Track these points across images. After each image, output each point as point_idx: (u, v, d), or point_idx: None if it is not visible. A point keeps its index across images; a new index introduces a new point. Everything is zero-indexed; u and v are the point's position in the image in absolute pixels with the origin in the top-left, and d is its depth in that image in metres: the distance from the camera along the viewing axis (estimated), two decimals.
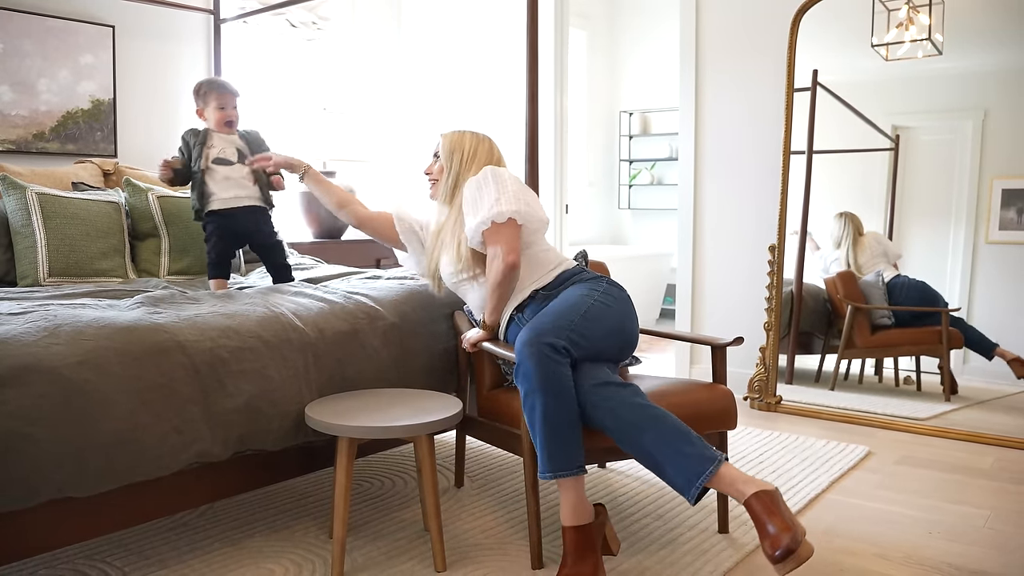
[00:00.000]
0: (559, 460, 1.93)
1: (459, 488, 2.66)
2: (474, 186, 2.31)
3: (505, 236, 2.21)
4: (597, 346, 2.06)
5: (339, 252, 4.33)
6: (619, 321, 2.16)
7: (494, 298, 2.26)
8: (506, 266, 2.19)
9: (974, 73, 3.43)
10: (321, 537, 2.27)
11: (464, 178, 2.40)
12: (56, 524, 1.82)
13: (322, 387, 2.22)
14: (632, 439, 1.89)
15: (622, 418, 1.91)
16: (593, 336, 2.06)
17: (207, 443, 1.95)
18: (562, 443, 1.92)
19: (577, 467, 1.93)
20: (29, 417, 1.65)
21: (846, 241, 3.73)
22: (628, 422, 1.90)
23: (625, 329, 2.19)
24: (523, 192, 2.28)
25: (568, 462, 1.93)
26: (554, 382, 1.92)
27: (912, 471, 2.88)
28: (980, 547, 2.23)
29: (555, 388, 1.92)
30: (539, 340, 1.96)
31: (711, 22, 4.04)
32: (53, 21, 3.64)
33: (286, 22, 4.62)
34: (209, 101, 2.82)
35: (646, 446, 1.87)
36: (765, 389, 3.76)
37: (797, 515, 2.45)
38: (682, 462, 1.82)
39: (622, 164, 7.22)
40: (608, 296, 2.19)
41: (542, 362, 1.93)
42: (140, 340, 1.89)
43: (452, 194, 2.44)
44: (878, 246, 3.66)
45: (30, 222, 2.87)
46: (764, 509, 1.72)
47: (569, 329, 2.02)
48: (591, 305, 2.13)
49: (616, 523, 2.37)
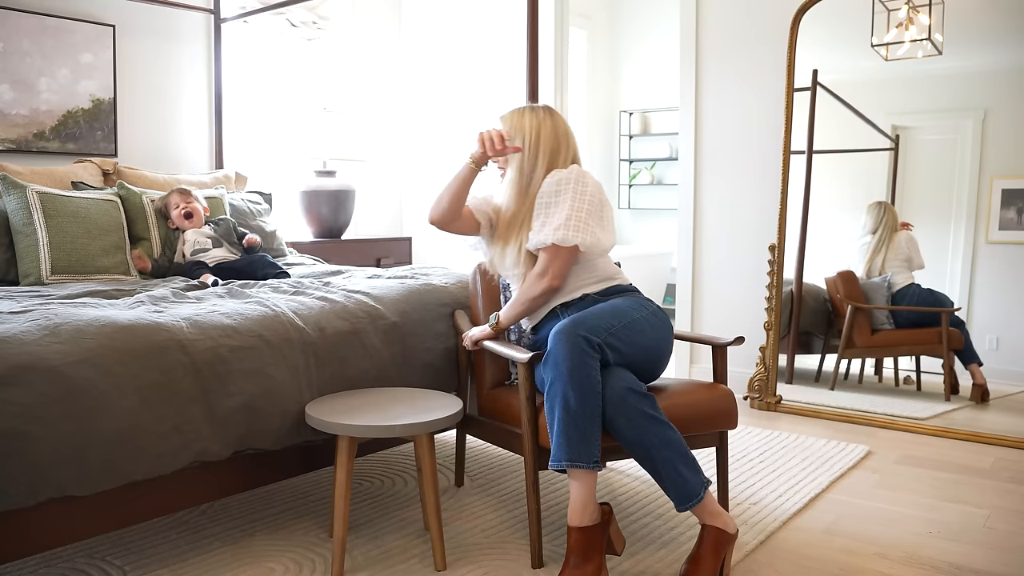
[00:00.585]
0: (576, 450, 1.91)
1: (459, 487, 2.66)
2: (553, 188, 2.19)
3: (561, 260, 2.16)
4: (630, 358, 2.05)
5: (339, 251, 4.33)
6: (657, 342, 2.16)
7: (520, 308, 2.23)
8: (548, 288, 2.18)
9: (974, 73, 3.43)
10: (321, 536, 2.27)
11: (531, 164, 2.25)
12: (57, 523, 1.82)
13: (322, 386, 2.22)
14: (643, 450, 1.93)
15: (638, 428, 1.93)
16: (629, 346, 2.05)
17: (208, 442, 1.95)
18: (581, 434, 1.91)
19: (593, 462, 1.92)
20: (30, 416, 1.65)
21: (882, 231, 3.68)
22: (642, 433, 1.92)
23: (660, 352, 2.18)
24: (596, 212, 2.18)
25: (585, 454, 1.91)
26: (582, 374, 1.92)
27: (912, 470, 2.89)
28: (980, 546, 2.23)
29: (582, 379, 1.92)
30: (575, 331, 1.96)
31: (711, 22, 4.04)
32: (53, 20, 3.64)
33: (286, 22, 4.62)
34: (169, 207, 3.25)
35: (655, 460, 1.93)
36: (765, 389, 3.76)
37: (797, 514, 2.45)
38: (682, 483, 1.93)
39: (622, 164, 7.22)
40: (655, 317, 2.18)
41: (573, 351, 1.93)
42: (141, 339, 1.89)
43: (519, 184, 2.28)
44: (906, 250, 3.63)
45: (31, 221, 2.87)
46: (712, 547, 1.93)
47: (608, 331, 2.02)
48: (636, 319, 2.11)
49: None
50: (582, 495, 1.94)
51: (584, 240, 2.14)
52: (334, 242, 4.38)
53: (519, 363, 2.08)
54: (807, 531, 2.33)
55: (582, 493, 1.94)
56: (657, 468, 1.94)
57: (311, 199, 4.40)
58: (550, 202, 2.19)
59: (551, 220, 2.16)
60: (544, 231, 2.16)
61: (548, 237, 2.14)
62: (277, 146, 4.62)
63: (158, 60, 4.07)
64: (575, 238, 2.13)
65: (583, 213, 2.14)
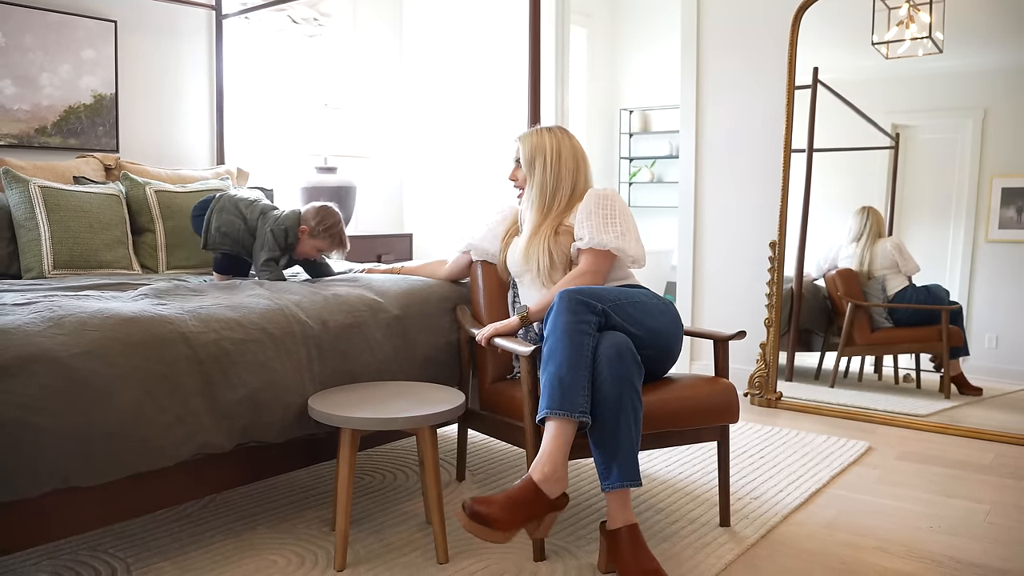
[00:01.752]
0: (556, 401, 1.91)
1: (460, 482, 2.66)
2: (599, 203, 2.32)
3: (606, 265, 2.30)
4: (635, 335, 2.06)
5: None
6: (665, 328, 2.17)
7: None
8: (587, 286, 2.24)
9: (974, 71, 3.44)
10: (323, 529, 2.28)
11: (554, 183, 2.39)
12: (60, 514, 1.83)
13: (325, 379, 2.22)
14: (612, 413, 1.92)
15: (619, 388, 1.92)
16: (635, 325, 2.07)
17: (210, 434, 1.95)
18: (564, 389, 1.91)
19: (570, 411, 1.90)
20: (34, 407, 1.66)
21: (863, 239, 3.70)
22: (621, 395, 1.92)
23: (668, 339, 2.19)
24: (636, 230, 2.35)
25: (564, 404, 1.90)
26: (576, 330, 1.96)
27: (912, 466, 2.89)
28: (980, 541, 2.24)
29: (575, 335, 1.95)
30: (578, 295, 2.01)
31: (712, 20, 4.05)
32: (56, 16, 3.64)
33: (287, 18, 4.62)
34: (322, 240, 2.71)
35: (618, 428, 1.92)
36: (765, 385, 3.77)
37: (798, 509, 2.46)
38: (631, 462, 1.92)
39: (622, 162, 7.23)
40: (664, 305, 2.22)
41: (571, 309, 1.98)
42: (144, 331, 1.90)
43: (544, 202, 2.40)
44: (892, 257, 3.63)
45: (34, 215, 2.88)
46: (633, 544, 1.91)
47: (613, 302, 2.06)
48: (644, 300, 2.16)
49: None
50: (550, 447, 1.91)
51: (637, 257, 2.31)
52: None
53: (522, 356, 2.08)
54: (808, 525, 2.34)
55: (550, 445, 1.91)
56: (617, 438, 1.91)
57: (312, 195, 4.40)
58: (600, 213, 2.30)
59: (608, 229, 2.28)
60: (603, 236, 2.27)
61: (608, 243, 2.26)
62: (278, 142, 4.62)
63: (160, 56, 4.07)
64: (634, 253, 2.30)
65: (632, 234, 2.32)
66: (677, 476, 2.75)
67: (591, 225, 2.29)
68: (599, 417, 1.94)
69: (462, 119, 5.09)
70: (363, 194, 4.99)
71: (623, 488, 1.92)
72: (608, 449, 1.93)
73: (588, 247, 2.29)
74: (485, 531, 1.80)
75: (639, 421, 1.96)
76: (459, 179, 5.11)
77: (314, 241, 2.71)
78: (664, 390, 2.16)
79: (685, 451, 3.01)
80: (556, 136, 2.43)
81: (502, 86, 4.91)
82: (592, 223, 2.30)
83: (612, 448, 1.92)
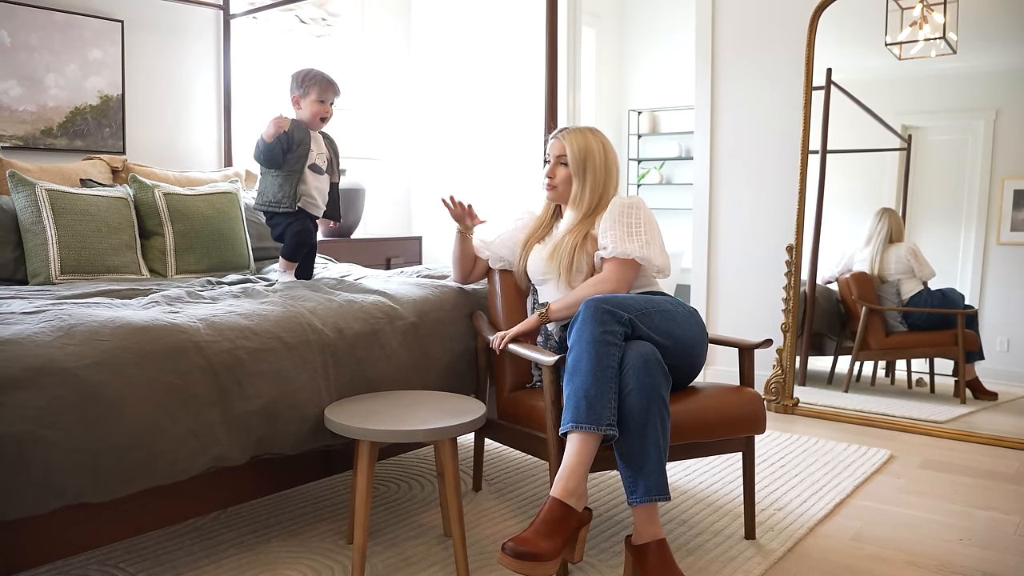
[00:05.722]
0: (581, 414, 1.87)
1: (477, 492, 2.61)
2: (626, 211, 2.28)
3: (631, 274, 2.25)
4: (661, 344, 2.01)
5: (350, 250, 4.27)
6: (690, 336, 2.12)
7: (576, 304, 2.18)
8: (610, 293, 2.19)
9: (986, 73, 3.39)
10: (339, 542, 2.22)
11: (601, 186, 2.36)
12: (71, 530, 1.77)
13: (341, 389, 2.16)
14: (639, 424, 1.87)
15: (647, 398, 1.87)
16: (661, 333, 2.02)
17: (225, 447, 1.89)
18: (589, 401, 1.87)
19: (596, 425, 1.85)
20: (44, 420, 1.60)
21: (875, 240, 3.65)
22: (649, 405, 1.87)
23: (693, 347, 2.13)
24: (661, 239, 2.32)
25: (589, 417, 1.86)
26: (602, 341, 1.91)
27: (936, 475, 2.83)
28: (1014, 554, 2.18)
29: (600, 347, 1.90)
30: (604, 304, 1.97)
31: (727, 21, 3.99)
32: (62, 15, 3.59)
33: (296, 18, 4.57)
34: (310, 92, 2.73)
35: (646, 440, 1.87)
36: (782, 391, 3.71)
37: (823, 520, 2.40)
38: (659, 475, 1.87)
39: (631, 163, 7.17)
40: (689, 313, 2.17)
41: (597, 319, 1.93)
42: (156, 341, 1.84)
43: (591, 205, 2.36)
44: (908, 261, 3.58)
45: (40, 219, 2.82)
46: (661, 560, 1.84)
47: (639, 312, 2.01)
48: (669, 308, 2.11)
49: None
50: (572, 461, 1.86)
51: (661, 266, 2.27)
52: (344, 241, 4.33)
53: (544, 366, 2.02)
54: (835, 538, 2.28)
55: (573, 459, 1.86)
56: (644, 450, 1.86)
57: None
58: (625, 222, 2.26)
59: (633, 239, 2.24)
60: (628, 246, 2.23)
61: (632, 252, 2.22)
62: None
63: (167, 56, 4.02)
64: (657, 263, 2.26)
65: (657, 243, 2.28)
66: (698, 486, 2.69)
67: (615, 234, 2.25)
68: (626, 429, 1.89)
69: (471, 121, 5.04)
70: (372, 196, 4.93)
71: (651, 502, 1.86)
72: (635, 462, 1.87)
73: (612, 256, 2.24)
74: (537, 566, 1.74)
75: (667, 433, 1.90)
76: (469, 181, 5.05)
77: (308, 100, 2.72)
78: (689, 400, 2.10)
79: (705, 461, 2.95)
80: (600, 139, 2.40)
81: (512, 87, 4.85)
82: (617, 232, 2.25)
83: (639, 461, 1.87)
